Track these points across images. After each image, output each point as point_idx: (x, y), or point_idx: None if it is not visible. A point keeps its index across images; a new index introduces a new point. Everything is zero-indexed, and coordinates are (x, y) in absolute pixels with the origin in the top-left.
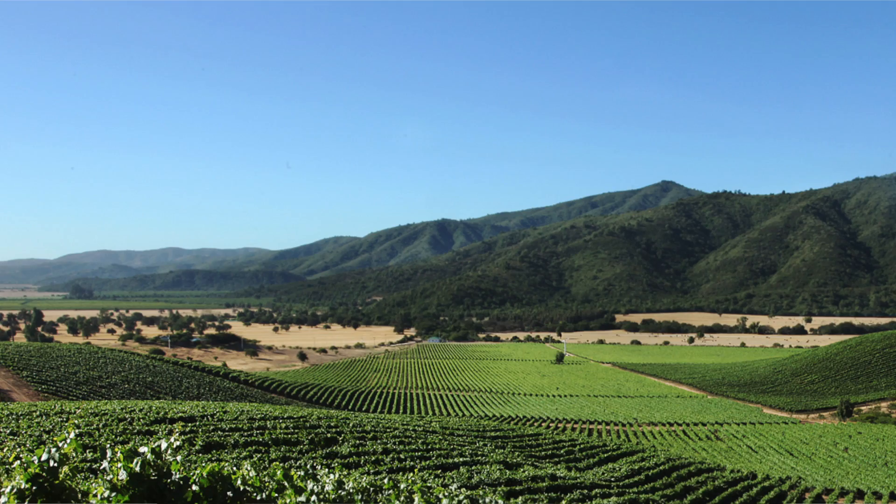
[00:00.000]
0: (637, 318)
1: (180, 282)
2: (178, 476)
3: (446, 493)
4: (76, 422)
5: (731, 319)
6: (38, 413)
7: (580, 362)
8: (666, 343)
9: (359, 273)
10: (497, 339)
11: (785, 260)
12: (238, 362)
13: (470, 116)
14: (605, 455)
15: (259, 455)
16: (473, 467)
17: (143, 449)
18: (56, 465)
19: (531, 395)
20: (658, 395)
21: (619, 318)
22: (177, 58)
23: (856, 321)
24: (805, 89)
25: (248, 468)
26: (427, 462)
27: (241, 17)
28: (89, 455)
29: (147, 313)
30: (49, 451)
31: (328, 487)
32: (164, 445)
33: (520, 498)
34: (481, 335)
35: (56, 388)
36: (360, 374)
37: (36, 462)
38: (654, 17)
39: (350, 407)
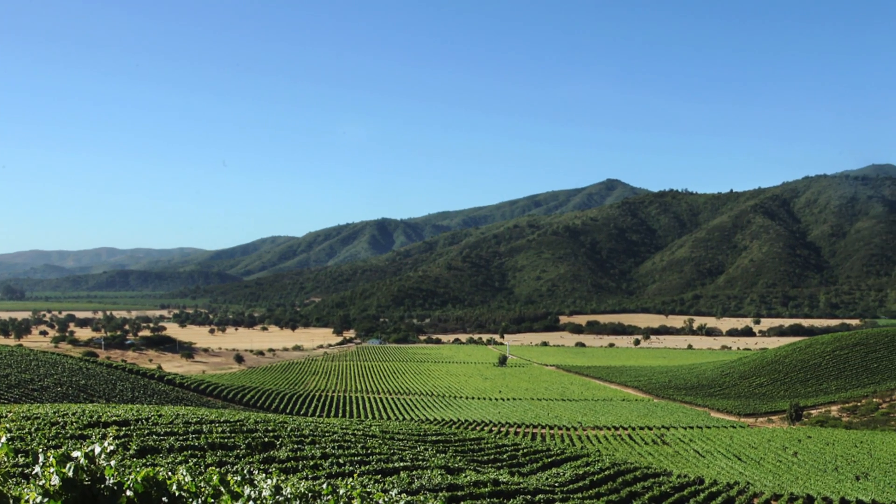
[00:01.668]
0: (582, 319)
1: (114, 282)
2: (111, 481)
3: (386, 499)
4: (7, 426)
5: (677, 321)
6: None
7: (523, 365)
8: (611, 345)
9: (297, 273)
10: (438, 341)
11: (733, 260)
12: (173, 365)
13: (411, 113)
14: (549, 460)
15: (195, 460)
16: (414, 472)
17: (76, 453)
18: None
19: (473, 398)
20: (603, 399)
21: (564, 319)
22: (110, 53)
23: (805, 323)
24: (754, 86)
25: (184, 473)
26: (367, 467)
27: (174, 11)
28: (21, 460)
29: (80, 315)
30: None
31: (265, 493)
32: (97, 450)
33: None
34: (422, 337)
35: None
36: (298, 376)
37: None
38: (598, 13)
39: (288, 410)
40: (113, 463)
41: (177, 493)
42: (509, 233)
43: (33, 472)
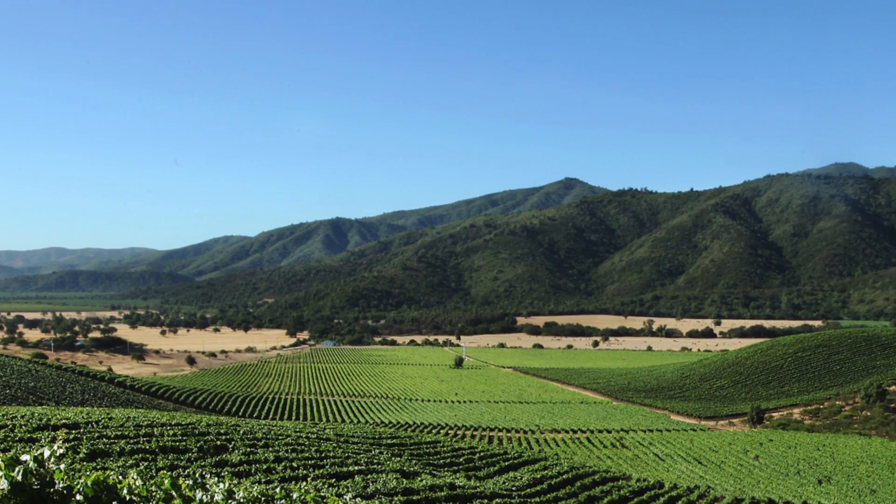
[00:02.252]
0: (539, 320)
1: (64, 283)
2: (61, 485)
3: (341, 503)
4: None
5: (637, 322)
6: None
7: (480, 367)
8: (569, 347)
9: (250, 274)
10: (394, 343)
11: (693, 260)
12: (124, 367)
13: (366, 111)
14: (506, 463)
15: (146, 463)
16: (369, 476)
17: (24, 457)
18: None
19: (429, 400)
20: (561, 401)
21: (521, 320)
22: (60, 50)
23: (767, 324)
24: (715, 83)
25: (135, 477)
26: (321, 471)
27: (125, 9)
28: None
29: (29, 315)
30: None
31: (218, 497)
32: (46, 453)
33: None
34: (377, 338)
35: None
36: (251, 378)
37: None
38: (556, 9)
39: (241, 413)
40: (63, 466)
41: (127, 498)
42: (466, 232)
43: None
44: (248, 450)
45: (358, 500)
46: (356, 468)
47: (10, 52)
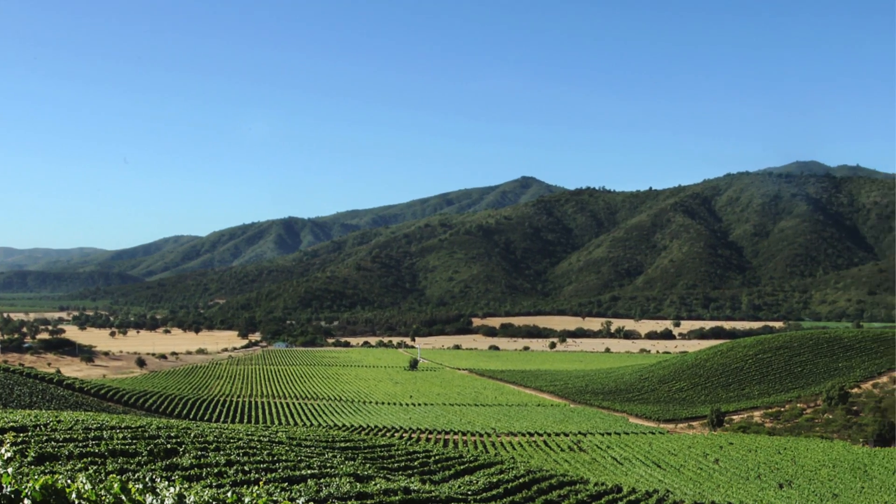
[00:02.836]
0: (495, 321)
1: (11, 283)
2: (9, 489)
3: None
4: None
5: (594, 323)
6: None
7: (435, 369)
8: (526, 348)
9: (201, 274)
10: (347, 345)
11: (652, 260)
12: (73, 369)
13: (319, 109)
14: (462, 467)
15: (95, 467)
16: (322, 480)
17: None
18: None
19: (383, 403)
20: (518, 404)
21: (477, 321)
22: (5, 45)
23: (727, 325)
24: (674, 80)
25: (84, 481)
26: (273, 475)
27: (73, 4)
28: None
29: None
30: None
31: (168, 501)
32: None
33: None
34: (330, 340)
35: None
36: (202, 381)
37: None
38: (510, 4)
39: (191, 416)
40: (10, 470)
41: (77, 502)
42: (420, 232)
43: None
44: (199, 453)
45: None
46: (309, 472)
47: None
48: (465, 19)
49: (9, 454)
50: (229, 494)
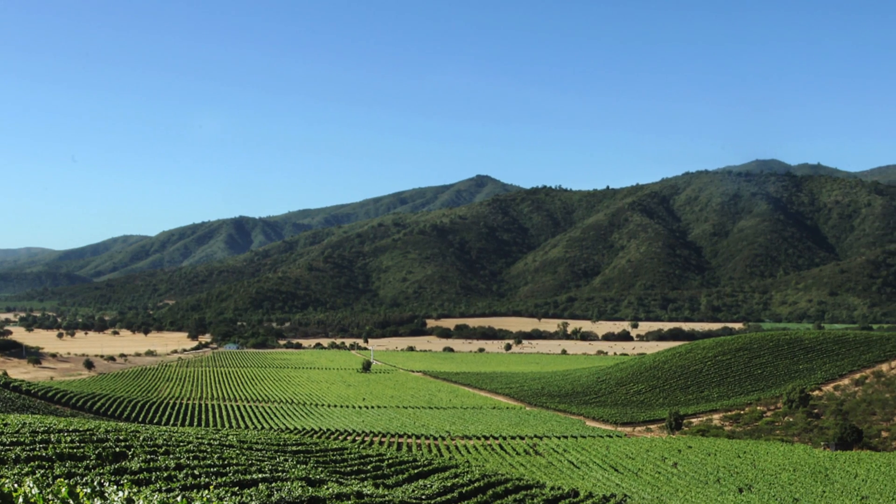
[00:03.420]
0: (450, 323)
1: None
2: None
3: None
4: None
5: (551, 325)
6: None
7: (389, 371)
8: (481, 350)
9: (150, 275)
10: (299, 346)
11: (609, 261)
12: (19, 371)
13: (271, 106)
14: (416, 471)
15: (42, 471)
16: (273, 484)
17: None
18: None
19: (336, 406)
20: (473, 407)
21: (431, 323)
22: None
23: (686, 327)
24: (631, 77)
25: (31, 485)
26: (223, 478)
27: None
28: None
29: None
30: None
31: None
32: None
33: None
34: (282, 342)
35: None
36: (151, 383)
37: None
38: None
39: (140, 419)
40: None
41: None
42: (374, 232)
43: None
44: (149, 457)
45: None
46: (260, 476)
47: None
48: (420, 14)
49: None
50: (179, 499)
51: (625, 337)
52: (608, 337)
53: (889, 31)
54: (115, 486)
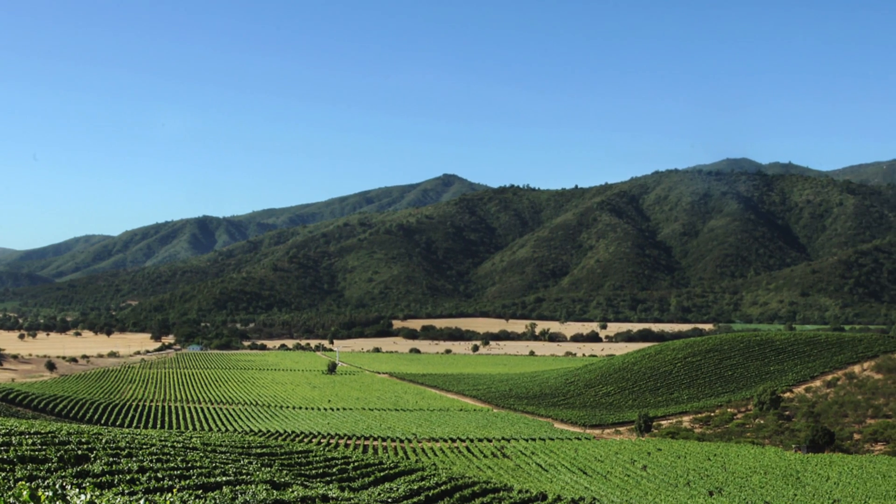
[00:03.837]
0: (416, 324)
1: None
2: None
3: None
4: None
5: (519, 326)
6: None
7: (354, 372)
8: (448, 351)
9: (112, 275)
10: (263, 348)
11: (578, 261)
12: None
13: (235, 105)
14: (382, 474)
15: (3, 474)
16: (237, 487)
17: None
18: None
19: (301, 408)
20: (439, 409)
21: (397, 324)
22: None
23: (655, 328)
24: (600, 75)
25: None
26: (187, 482)
27: None
28: None
29: None
30: None
31: None
32: None
33: None
34: (246, 343)
35: None
36: (113, 385)
37: None
38: None
39: (103, 421)
40: None
41: None
42: (339, 231)
43: None
44: (111, 460)
45: None
46: (224, 479)
47: None
48: (385, 11)
49: None
50: (142, 502)
51: (593, 338)
52: (577, 338)
53: (860, 30)
54: (77, 490)
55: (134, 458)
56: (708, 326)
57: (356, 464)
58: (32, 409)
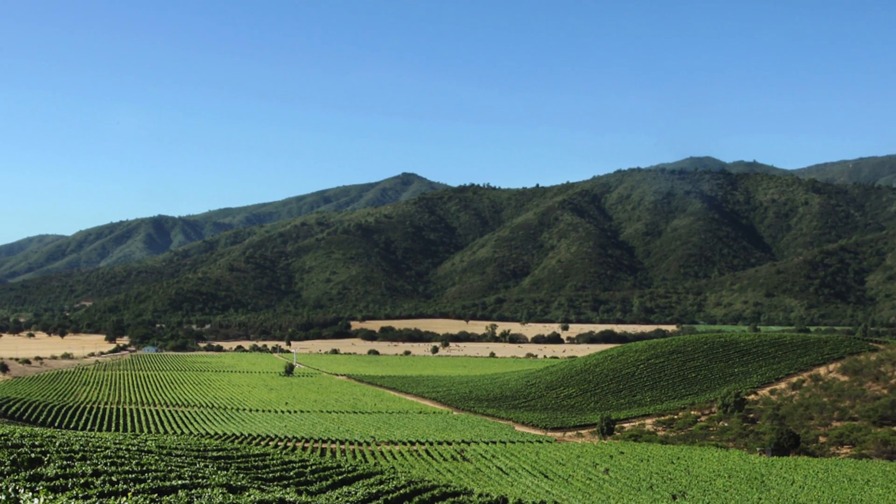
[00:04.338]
0: (375, 325)
1: None
2: None
3: None
4: None
5: (479, 327)
6: None
7: (312, 374)
8: (407, 353)
9: (66, 275)
10: (220, 349)
11: (539, 261)
12: None
13: (190, 102)
14: (340, 477)
15: None
16: (193, 491)
17: None
18: None
19: (258, 410)
20: (398, 411)
21: (356, 325)
22: None
23: (618, 329)
24: (561, 73)
25: None
26: (142, 485)
27: None
28: None
29: None
30: None
31: None
32: None
33: None
34: (202, 344)
35: None
36: (67, 387)
37: None
38: None
39: (57, 424)
40: None
41: None
42: (296, 231)
43: None
44: (65, 463)
45: None
46: (180, 482)
47: None
48: (342, 7)
49: None
50: None
51: (555, 339)
52: (538, 339)
53: (825, 26)
54: (30, 493)
55: (88, 462)
56: (671, 328)
57: (314, 467)
58: None
